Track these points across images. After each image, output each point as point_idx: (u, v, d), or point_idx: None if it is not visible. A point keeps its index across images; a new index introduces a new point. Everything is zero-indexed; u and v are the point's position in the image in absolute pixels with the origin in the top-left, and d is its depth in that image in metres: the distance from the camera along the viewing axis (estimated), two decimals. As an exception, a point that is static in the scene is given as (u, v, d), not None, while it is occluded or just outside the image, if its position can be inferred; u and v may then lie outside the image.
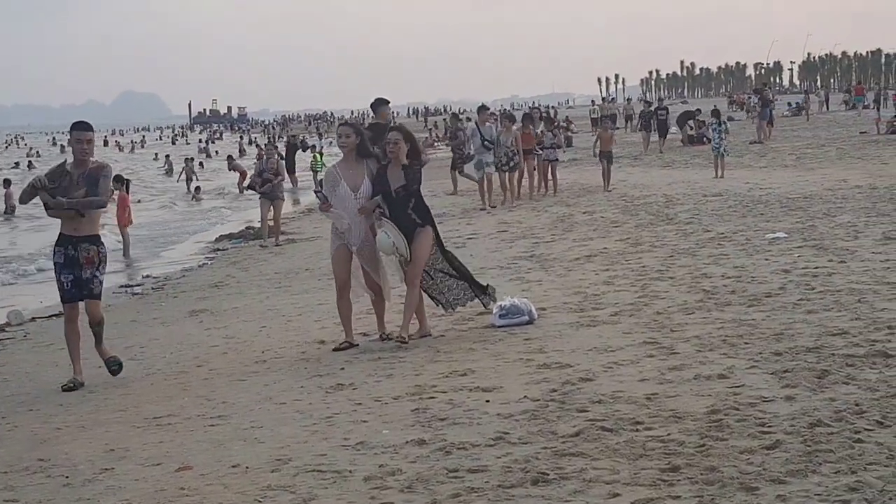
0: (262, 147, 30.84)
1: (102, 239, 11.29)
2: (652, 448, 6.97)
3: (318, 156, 48.80)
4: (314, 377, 10.21)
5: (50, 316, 16.64)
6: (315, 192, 12.48)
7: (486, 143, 26.13)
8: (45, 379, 11.63)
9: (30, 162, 79.68)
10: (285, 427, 8.38)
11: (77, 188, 10.85)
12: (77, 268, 10.95)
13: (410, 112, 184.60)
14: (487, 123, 27.31)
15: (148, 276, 22.14)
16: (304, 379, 10.17)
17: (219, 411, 9.18)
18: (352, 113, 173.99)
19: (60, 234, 11.05)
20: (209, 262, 23.67)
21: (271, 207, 24.70)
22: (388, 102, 18.11)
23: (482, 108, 28.27)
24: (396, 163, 11.32)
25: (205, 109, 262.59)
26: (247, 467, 7.35)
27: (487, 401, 8.58)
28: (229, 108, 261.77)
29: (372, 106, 17.48)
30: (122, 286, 20.52)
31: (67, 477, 7.61)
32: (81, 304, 11.08)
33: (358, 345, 11.39)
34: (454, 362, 10.18)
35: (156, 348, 12.90)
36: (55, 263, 11.07)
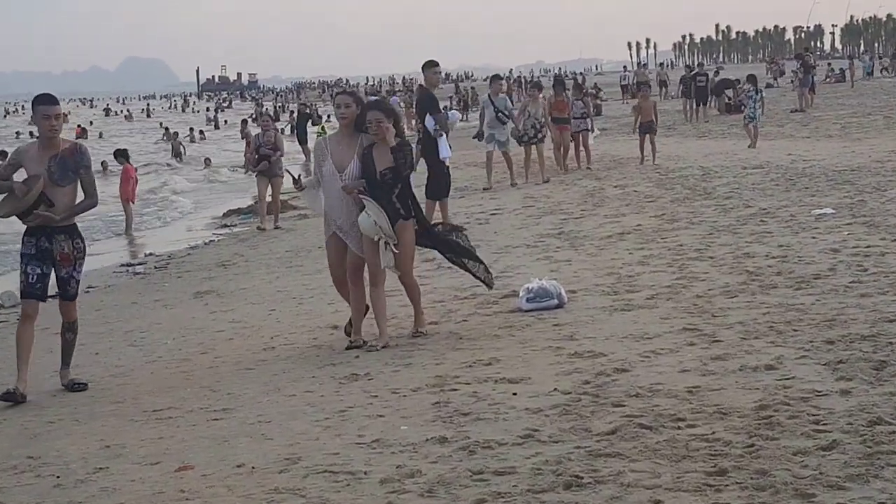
0: (258, 117, 26.79)
1: (80, 229, 10.35)
2: (696, 448, 6.69)
3: (322, 128, 48.10)
4: (327, 366, 9.96)
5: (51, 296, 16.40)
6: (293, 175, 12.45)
7: (499, 115, 25.13)
8: (38, 367, 11.36)
9: (31, 132, 79.51)
10: (295, 422, 8.13)
11: (52, 176, 9.90)
12: (48, 263, 10.02)
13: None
14: (501, 94, 26.22)
15: (151, 254, 21.96)
16: (316, 368, 9.93)
17: (223, 403, 8.94)
18: (367, 80, 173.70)
19: (30, 227, 10.10)
20: (216, 240, 23.45)
21: (269, 185, 23.42)
22: (437, 64, 18.05)
23: (495, 78, 27.35)
24: (383, 143, 10.59)
25: (213, 76, 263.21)
26: (253, 467, 7.09)
27: (514, 394, 8.30)
28: (239, 75, 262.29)
29: (422, 67, 18.25)
30: (123, 265, 20.34)
31: (58, 477, 7.37)
32: (42, 305, 10.25)
33: (367, 342, 10.70)
34: (478, 350, 9.91)
35: (157, 333, 12.68)
36: (23, 254, 10.06)
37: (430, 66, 18.06)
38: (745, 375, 8.28)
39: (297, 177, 11.96)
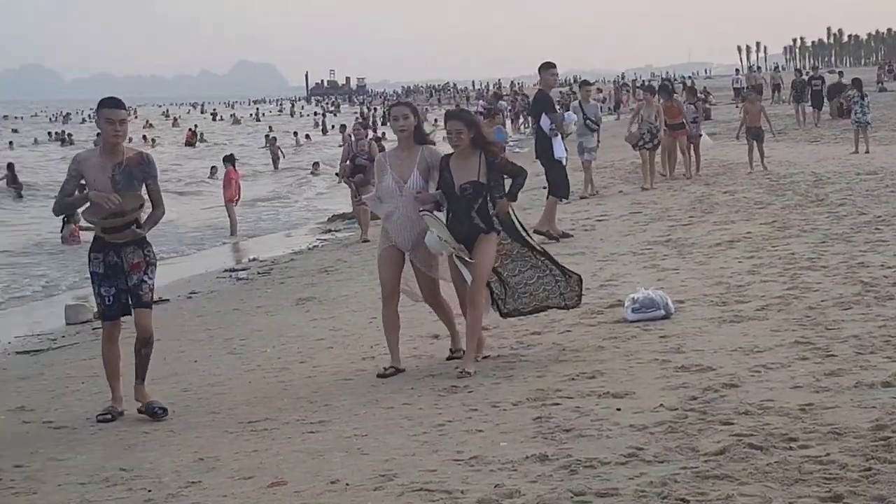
0: (355, 125, 24.44)
1: (149, 238, 9.56)
2: (809, 471, 6.36)
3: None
4: (426, 377, 9.76)
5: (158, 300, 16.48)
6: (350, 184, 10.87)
7: (588, 122, 23.94)
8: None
9: (144, 136, 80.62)
10: (392, 436, 7.92)
11: (115, 185, 9.16)
12: (120, 277, 9.31)
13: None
14: (591, 100, 25.32)
15: (254, 260, 21.94)
16: (415, 379, 9.72)
17: (320, 415, 8.76)
18: (473, 84, 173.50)
19: (97, 237, 9.42)
20: (320, 245, 23.39)
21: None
22: (554, 66, 17.84)
23: (584, 84, 26.66)
24: (462, 154, 9.94)
25: (322, 80, 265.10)
26: (347, 484, 6.89)
27: (618, 409, 8.03)
28: (347, 79, 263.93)
29: (539, 69, 17.97)
30: (226, 270, 20.32)
31: (150, 491, 7.21)
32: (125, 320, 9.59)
33: (405, 370, 10.10)
34: (581, 362, 9.64)
35: (257, 341, 12.55)
36: (93, 274, 9.41)
37: (547, 67, 17.82)
38: (860, 393, 7.93)
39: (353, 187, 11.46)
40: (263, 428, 8.57)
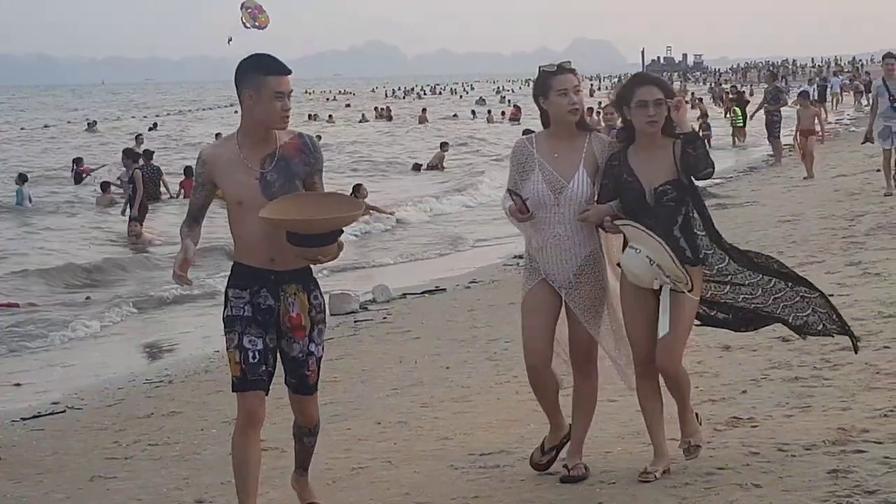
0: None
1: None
2: None
3: (736, 108, 43.49)
4: (705, 402, 7.99)
5: (423, 292, 15.28)
6: (509, 191, 6.70)
7: (895, 103, 19.19)
8: (379, 381, 10.02)
9: (473, 111, 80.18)
10: (640, 488, 6.30)
11: (268, 190, 6.04)
12: (272, 329, 6.08)
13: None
14: None
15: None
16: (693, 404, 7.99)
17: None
18: (812, 61, 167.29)
19: (240, 264, 6.14)
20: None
21: None
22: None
23: (888, 56, 20.31)
24: (649, 143, 6.59)
25: (658, 57, 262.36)
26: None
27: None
28: (684, 56, 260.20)
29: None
30: (515, 256, 18.79)
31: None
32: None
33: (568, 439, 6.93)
34: (898, 393, 7.73)
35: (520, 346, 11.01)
36: (231, 319, 6.06)
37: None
38: None
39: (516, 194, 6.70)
40: (495, 465, 7.08)
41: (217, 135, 35.66)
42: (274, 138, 6.10)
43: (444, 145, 42.67)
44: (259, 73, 6.00)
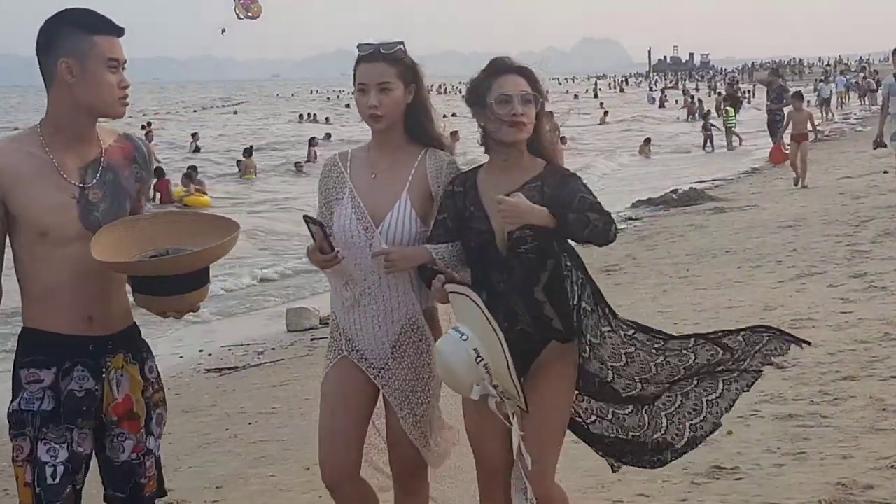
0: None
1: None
2: None
3: (728, 108, 41.55)
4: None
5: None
6: (305, 218, 4.51)
7: None
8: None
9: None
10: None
11: (102, 205, 4.14)
12: (87, 425, 4.07)
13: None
14: None
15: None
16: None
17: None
18: (819, 60, 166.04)
19: (37, 331, 4.07)
20: (620, 232, 20.51)
21: None
22: None
23: None
24: (513, 161, 4.57)
25: (665, 56, 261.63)
26: None
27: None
28: (691, 56, 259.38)
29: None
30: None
31: None
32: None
33: None
34: (904, 437, 6.61)
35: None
36: (19, 415, 4.00)
37: None
38: None
39: None
40: None
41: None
42: (97, 138, 4.13)
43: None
44: (83, 31, 4.00)
